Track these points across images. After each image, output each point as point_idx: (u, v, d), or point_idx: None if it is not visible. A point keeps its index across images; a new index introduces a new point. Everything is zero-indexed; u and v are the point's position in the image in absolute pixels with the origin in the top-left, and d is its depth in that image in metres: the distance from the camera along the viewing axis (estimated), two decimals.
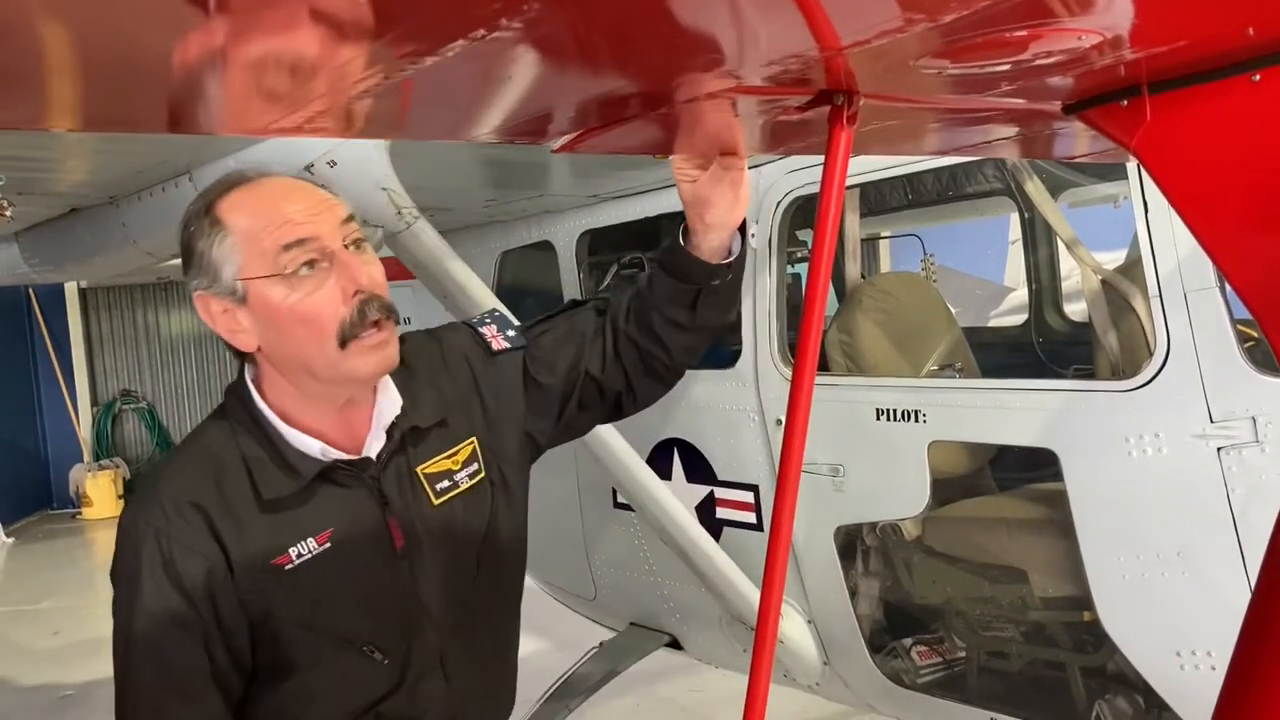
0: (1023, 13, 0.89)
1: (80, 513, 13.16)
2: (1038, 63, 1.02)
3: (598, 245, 4.33)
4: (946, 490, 3.39)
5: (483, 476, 1.82)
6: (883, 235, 6.57)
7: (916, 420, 3.12)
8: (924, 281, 4.53)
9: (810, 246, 1.91)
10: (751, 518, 3.71)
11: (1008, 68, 1.03)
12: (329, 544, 1.64)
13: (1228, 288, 2.47)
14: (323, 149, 2.82)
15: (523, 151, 3.04)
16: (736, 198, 1.70)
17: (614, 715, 5.46)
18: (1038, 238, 4.68)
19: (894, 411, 3.17)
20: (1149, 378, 2.63)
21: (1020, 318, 5.12)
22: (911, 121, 1.41)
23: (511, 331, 1.94)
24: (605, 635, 4.62)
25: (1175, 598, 2.65)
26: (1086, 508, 2.79)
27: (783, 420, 2.47)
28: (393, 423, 1.73)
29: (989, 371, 4.04)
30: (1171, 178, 1.14)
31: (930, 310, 4.05)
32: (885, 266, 7.54)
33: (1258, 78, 1.02)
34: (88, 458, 13.73)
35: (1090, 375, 3.27)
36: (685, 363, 1.95)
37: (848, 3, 0.88)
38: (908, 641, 3.56)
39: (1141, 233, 2.64)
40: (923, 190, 4.56)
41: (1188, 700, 2.68)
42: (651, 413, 2.25)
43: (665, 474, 3.83)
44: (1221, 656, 1.47)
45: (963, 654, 3.48)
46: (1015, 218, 4.87)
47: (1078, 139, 1.56)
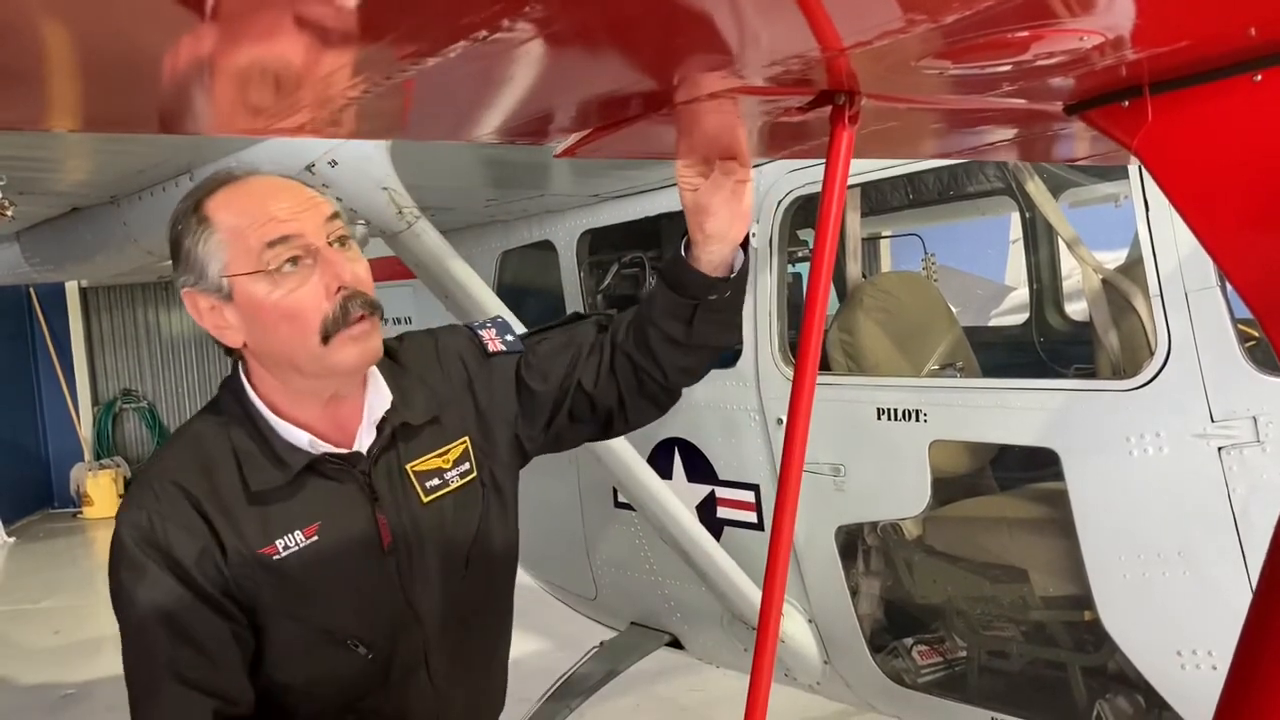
0: (1024, 13, 0.89)
1: (81, 512, 13.16)
2: (1039, 63, 1.02)
3: (599, 245, 4.32)
4: (947, 490, 3.39)
5: (474, 476, 1.82)
6: (884, 235, 6.56)
7: (917, 420, 3.12)
8: (925, 281, 4.52)
9: (811, 246, 1.90)
10: (752, 517, 3.71)
11: (1009, 68, 1.03)
12: (316, 537, 1.65)
13: (1229, 287, 2.47)
14: (323, 149, 2.82)
15: (523, 151, 3.04)
16: (738, 209, 1.68)
17: (614, 715, 5.45)
18: (1039, 237, 4.68)
19: (895, 411, 3.16)
20: (1150, 377, 2.63)
21: (1021, 317, 5.11)
22: (912, 123, 1.41)
23: (510, 337, 1.94)
24: (606, 635, 4.61)
25: (1176, 597, 2.65)
26: (1087, 507, 2.79)
27: (784, 420, 2.47)
28: (383, 418, 1.73)
29: (990, 371, 4.03)
30: (1173, 178, 1.14)
31: (931, 310, 4.04)
32: (886, 266, 7.55)
33: (1259, 78, 1.02)
34: (88, 457, 13.74)
35: (1091, 375, 3.27)
36: (680, 384, 1.93)
37: (850, 3, 0.88)
38: (909, 641, 3.56)
39: (1142, 232, 2.64)
40: (924, 190, 4.57)
41: (1189, 700, 2.68)
42: None
43: (666, 473, 3.83)
44: (1222, 656, 1.47)
45: (964, 653, 3.48)
46: (1016, 217, 4.86)
47: (1078, 141, 1.56)
